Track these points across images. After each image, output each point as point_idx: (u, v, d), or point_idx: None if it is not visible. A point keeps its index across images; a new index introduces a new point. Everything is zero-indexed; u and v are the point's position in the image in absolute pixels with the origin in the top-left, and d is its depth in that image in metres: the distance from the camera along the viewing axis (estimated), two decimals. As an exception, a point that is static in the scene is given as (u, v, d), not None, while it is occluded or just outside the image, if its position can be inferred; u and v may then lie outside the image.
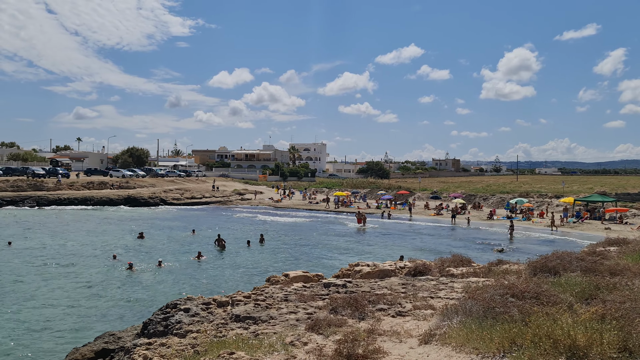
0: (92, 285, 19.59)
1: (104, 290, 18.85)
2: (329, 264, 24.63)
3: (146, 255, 26.34)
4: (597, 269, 7.25)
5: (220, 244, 29.93)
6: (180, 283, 20.12)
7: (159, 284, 20.03)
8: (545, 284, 5.81)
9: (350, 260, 26.17)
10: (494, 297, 4.96)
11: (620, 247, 11.73)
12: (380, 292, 6.64)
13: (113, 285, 19.68)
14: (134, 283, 20.16)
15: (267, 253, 28.62)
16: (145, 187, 70.12)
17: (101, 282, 20.19)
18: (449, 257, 10.29)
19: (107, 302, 17.04)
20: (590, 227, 41.44)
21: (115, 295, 18.02)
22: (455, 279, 7.90)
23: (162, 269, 22.78)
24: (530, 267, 7.70)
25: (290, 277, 9.06)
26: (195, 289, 18.37)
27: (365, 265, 9.85)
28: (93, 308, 16.30)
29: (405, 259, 22.33)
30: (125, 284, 19.92)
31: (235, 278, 21.00)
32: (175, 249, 28.90)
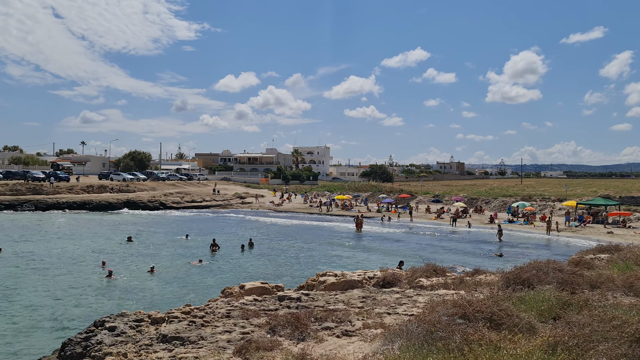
0: (57, 294, 18.62)
1: (67, 300, 17.68)
2: (319, 270, 24.00)
3: (133, 261, 25.82)
4: (574, 281, 6.66)
5: (213, 248, 29.49)
6: (154, 293, 19.37)
7: (130, 293, 19.10)
8: (508, 301, 5.24)
9: (341, 265, 25.59)
10: (441, 318, 4.40)
11: (611, 254, 11.09)
12: (334, 307, 6.09)
13: (81, 295, 18.48)
14: (105, 292, 19.23)
15: (257, 259, 28.05)
16: (146, 190, 69.80)
17: (69, 291, 19.18)
18: (422, 267, 9.69)
19: (61, 315, 15.82)
20: (593, 232, 40.64)
21: (75, 307, 16.83)
22: (423, 292, 7.32)
23: (152, 275, 22.26)
24: (504, 278, 7.12)
25: (246, 288, 8.47)
26: (162, 299, 17.80)
27: (332, 275, 9.27)
28: (45, 320, 15.29)
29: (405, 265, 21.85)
30: (95, 294, 18.78)
31: (220, 283, 20.44)
32: (163, 254, 28.37)
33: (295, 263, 26.95)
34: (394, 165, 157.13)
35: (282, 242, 34.86)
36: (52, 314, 16.00)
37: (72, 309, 16.63)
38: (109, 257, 25.98)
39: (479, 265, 27.35)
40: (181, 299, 17.03)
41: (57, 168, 79.26)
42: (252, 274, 23.14)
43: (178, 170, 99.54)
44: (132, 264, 25.05)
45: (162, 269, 23.57)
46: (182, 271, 23.48)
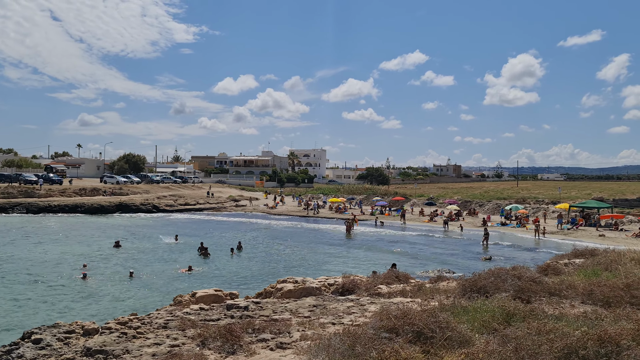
0: (20, 299, 18.19)
1: (27, 306, 17.24)
2: (303, 273, 23.75)
3: (118, 265, 25.56)
4: (531, 289, 6.44)
5: (203, 252, 29.25)
6: (127, 297, 19.05)
7: (99, 299, 18.65)
8: (452, 310, 5.02)
9: (326, 270, 25.35)
10: (367, 331, 4.18)
11: (586, 259, 10.88)
12: (279, 317, 5.85)
13: (45, 301, 18.07)
14: (73, 298, 18.75)
15: (243, 262, 27.81)
16: (139, 193, 69.49)
17: (35, 295, 18.86)
18: (384, 273, 9.45)
19: (14, 323, 15.31)
20: (585, 234, 40.44)
21: (33, 315, 16.23)
22: (378, 300, 7.09)
23: (130, 280, 22.00)
24: (460, 286, 6.89)
25: (197, 296, 8.22)
26: (135, 303, 17.49)
27: (292, 281, 9.02)
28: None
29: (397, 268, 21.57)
30: (61, 300, 18.26)
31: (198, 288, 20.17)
32: (149, 258, 28.09)
33: (282, 267, 26.70)
34: (390, 168, 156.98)
35: (272, 245, 34.63)
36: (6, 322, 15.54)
37: (29, 317, 16.05)
38: (91, 262, 25.67)
39: (467, 268, 27.21)
40: (148, 306, 16.69)
41: (50, 171, 78.97)
42: (234, 279, 22.89)
43: (174, 173, 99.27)
44: (114, 268, 24.75)
45: (144, 274, 23.28)
46: (165, 276, 23.19)
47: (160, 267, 25.26)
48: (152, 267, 25.38)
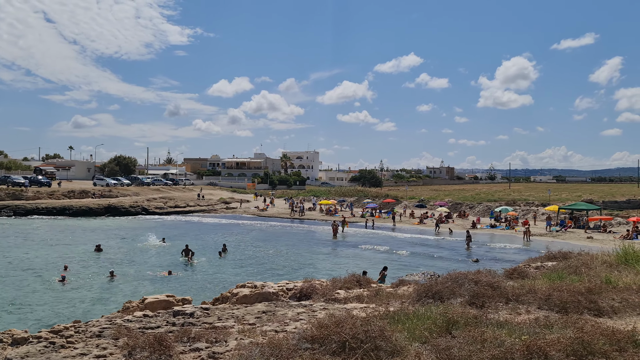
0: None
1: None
2: (284, 276, 23.55)
3: (99, 268, 25.21)
4: (486, 294, 6.24)
5: (187, 254, 28.95)
6: (102, 300, 18.73)
7: (70, 303, 18.29)
8: (391, 318, 4.80)
9: (307, 273, 25.11)
10: (289, 342, 3.96)
11: (559, 262, 10.70)
12: (222, 325, 5.62)
13: (14, 301, 17.84)
14: (44, 302, 18.40)
15: (226, 266, 27.53)
16: (129, 195, 69.09)
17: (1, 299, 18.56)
18: (345, 277, 9.24)
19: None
20: (573, 236, 40.41)
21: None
22: (332, 305, 6.85)
23: (109, 284, 21.68)
24: (416, 291, 6.68)
25: (146, 302, 7.96)
26: (111, 304, 17.17)
27: (251, 286, 8.77)
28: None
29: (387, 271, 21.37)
30: (30, 304, 18.11)
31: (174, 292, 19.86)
32: (132, 261, 27.75)
33: (264, 269, 26.44)
34: (384, 170, 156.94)
35: (258, 248, 34.37)
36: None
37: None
38: (71, 264, 25.29)
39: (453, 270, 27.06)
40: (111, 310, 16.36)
41: (39, 173, 78.39)
42: (214, 282, 22.59)
43: (165, 175, 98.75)
44: (93, 271, 24.39)
45: (124, 277, 22.96)
46: (145, 279, 22.88)
47: (141, 270, 24.94)
48: (133, 270, 25.05)
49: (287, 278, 23.19)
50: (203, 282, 22.47)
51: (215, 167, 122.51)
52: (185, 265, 26.86)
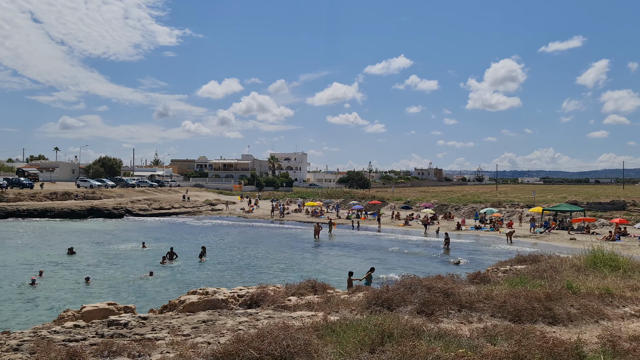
0: None
1: None
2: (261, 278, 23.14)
3: (71, 272, 24.63)
4: (437, 301, 5.94)
5: (166, 258, 28.52)
6: (64, 305, 18.22)
7: (38, 304, 17.83)
8: (327, 329, 4.49)
9: (285, 277, 24.77)
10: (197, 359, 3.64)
11: (528, 265, 10.45)
12: (154, 336, 5.28)
13: None
14: (12, 304, 17.94)
15: (205, 268, 27.07)
16: (112, 197, 68.27)
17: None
18: (301, 282, 8.90)
19: None
20: (556, 238, 40.42)
21: None
22: (279, 313, 6.53)
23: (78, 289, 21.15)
24: (366, 298, 6.37)
25: (83, 311, 7.58)
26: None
27: (202, 292, 8.41)
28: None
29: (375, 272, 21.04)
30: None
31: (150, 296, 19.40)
32: (107, 264, 27.19)
33: (241, 272, 26.00)
34: (372, 172, 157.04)
35: (239, 250, 33.95)
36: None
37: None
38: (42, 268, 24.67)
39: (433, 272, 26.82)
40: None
41: (22, 174, 77.28)
42: (190, 286, 22.12)
43: (152, 177, 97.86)
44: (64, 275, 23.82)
45: (96, 282, 22.43)
46: (116, 283, 22.35)
47: (113, 274, 24.40)
48: (106, 273, 24.51)
49: (264, 281, 22.84)
50: (176, 286, 21.99)
51: (202, 168, 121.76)
52: (163, 269, 26.34)
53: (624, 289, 7.67)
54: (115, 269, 25.76)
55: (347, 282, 19.01)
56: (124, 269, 26.00)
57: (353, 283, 18.79)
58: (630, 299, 7.02)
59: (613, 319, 6.09)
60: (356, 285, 8.27)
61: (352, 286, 18.49)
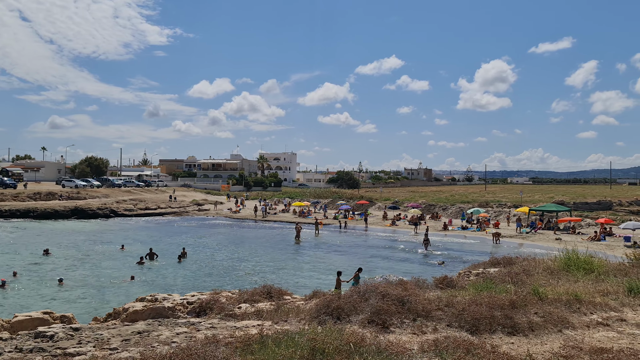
0: None
1: None
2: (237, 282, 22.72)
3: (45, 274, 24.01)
4: (390, 310, 5.55)
5: (143, 258, 28.03)
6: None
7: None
8: (259, 344, 4.09)
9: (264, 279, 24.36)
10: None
11: (502, 268, 10.10)
12: (76, 350, 4.84)
13: None
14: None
15: (184, 270, 26.53)
16: (97, 197, 67.44)
17: None
18: (255, 288, 8.46)
19: None
20: (542, 238, 40.29)
21: None
22: (224, 323, 6.10)
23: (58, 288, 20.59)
24: (316, 307, 5.96)
25: (13, 321, 7.07)
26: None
27: (151, 299, 7.97)
28: None
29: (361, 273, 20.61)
30: None
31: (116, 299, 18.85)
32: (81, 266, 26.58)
33: (222, 273, 25.52)
34: (362, 172, 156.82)
35: (221, 251, 33.47)
36: None
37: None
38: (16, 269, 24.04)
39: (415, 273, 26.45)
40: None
41: (5, 174, 76.16)
42: (165, 289, 21.59)
43: (139, 177, 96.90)
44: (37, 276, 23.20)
45: (69, 284, 21.83)
46: (90, 285, 21.79)
47: (87, 276, 23.82)
48: (79, 275, 23.93)
49: (239, 284, 22.41)
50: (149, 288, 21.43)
51: (191, 168, 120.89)
52: (141, 270, 25.78)
53: (594, 294, 7.32)
54: (90, 271, 25.16)
55: (336, 282, 18.77)
56: (99, 270, 25.41)
57: (342, 284, 18.54)
58: (599, 305, 6.67)
59: (578, 327, 5.73)
60: (314, 291, 7.84)
61: (340, 286, 18.21)
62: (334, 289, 17.71)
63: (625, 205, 54.67)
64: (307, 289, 20.99)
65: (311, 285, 22.61)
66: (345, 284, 18.30)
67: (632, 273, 9.18)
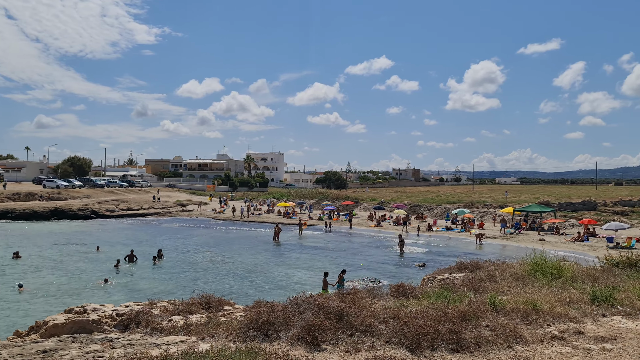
0: None
1: None
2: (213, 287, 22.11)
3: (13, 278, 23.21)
4: (322, 325, 5.02)
5: (132, 260, 27.48)
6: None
7: None
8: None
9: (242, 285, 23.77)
10: None
11: (468, 273, 9.62)
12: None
13: None
14: None
15: (158, 273, 25.82)
16: (79, 198, 66.36)
17: None
18: (193, 298, 7.88)
19: None
20: (526, 239, 40.05)
21: None
22: (145, 339, 5.54)
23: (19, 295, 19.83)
24: (245, 322, 5.41)
25: None
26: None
27: (78, 310, 7.37)
28: None
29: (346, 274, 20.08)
30: None
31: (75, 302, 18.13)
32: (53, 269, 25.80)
33: (196, 276, 24.86)
34: (350, 172, 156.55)
35: (198, 253, 32.78)
36: None
37: None
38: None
39: (396, 275, 26.01)
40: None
41: (-16, 174, 74.75)
42: (135, 292, 20.92)
43: (125, 177, 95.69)
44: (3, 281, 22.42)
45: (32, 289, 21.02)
46: (57, 290, 21.02)
47: (54, 280, 23.05)
48: (46, 279, 23.15)
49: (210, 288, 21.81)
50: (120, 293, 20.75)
51: (177, 168, 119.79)
52: (115, 274, 25.05)
53: (556, 302, 6.85)
54: (59, 275, 24.37)
55: (322, 283, 18.34)
56: (70, 274, 24.63)
57: (328, 285, 18.11)
58: (558, 316, 6.19)
59: (530, 342, 5.25)
60: (256, 301, 7.27)
61: (327, 288, 17.79)
62: (322, 290, 17.24)
63: (610, 206, 54.77)
64: (281, 292, 20.45)
65: (288, 288, 22.07)
66: (330, 287, 17.93)
67: (600, 279, 8.76)
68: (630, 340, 5.46)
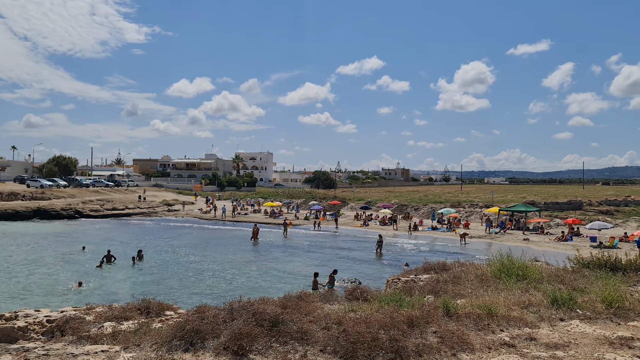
0: None
1: None
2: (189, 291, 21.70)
3: None
4: (252, 333, 4.68)
5: (110, 260, 26.99)
6: None
7: None
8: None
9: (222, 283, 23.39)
10: None
11: (434, 274, 9.31)
12: None
13: None
14: None
15: (136, 275, 25.33)
16: (63, 198, 65.48)
17: None
18: (130, 303, 7.48)
19: None
20: (510, 238, 39.98)
21: None
22: (65, 349, 5.15)
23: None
24: (172, 329, 5.06)
25: None
26: None
27: (9, 317, 6.97)
28: None
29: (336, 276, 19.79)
30: None
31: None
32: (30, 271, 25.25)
33: (175, 277, 24.39)
34: (340, 172, 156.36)
35: (181, 253, 32.29)
36: None
37: None
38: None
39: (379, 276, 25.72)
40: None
41: (-33, 174, 73.64)
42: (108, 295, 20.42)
43: (111, 177, 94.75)
44: None
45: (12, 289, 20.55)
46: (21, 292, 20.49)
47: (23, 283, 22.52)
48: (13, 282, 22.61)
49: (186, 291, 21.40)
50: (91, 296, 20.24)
51: (165, 168, 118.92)
52: (92, 276, 24.52)
53: (514, 305, 6.54)
54: (31, 277, 23.81)
55: (313, 284, 18.16)
56: (43, 276, 24.09)
57: (319, 285, 17.98)
58: (513, 320, 5.89)
59: (477, 350, 4.93)
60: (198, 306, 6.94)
61: (317, 288, 17.55)
62: (312, 290, 16.96)
63: (595, 205, 54.97)
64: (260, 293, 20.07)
65: (268, 288, 21.73)
66: (321, 287, 17.75)
67: (567, 280, 8.47)
68: (583, 346, 5.15)
